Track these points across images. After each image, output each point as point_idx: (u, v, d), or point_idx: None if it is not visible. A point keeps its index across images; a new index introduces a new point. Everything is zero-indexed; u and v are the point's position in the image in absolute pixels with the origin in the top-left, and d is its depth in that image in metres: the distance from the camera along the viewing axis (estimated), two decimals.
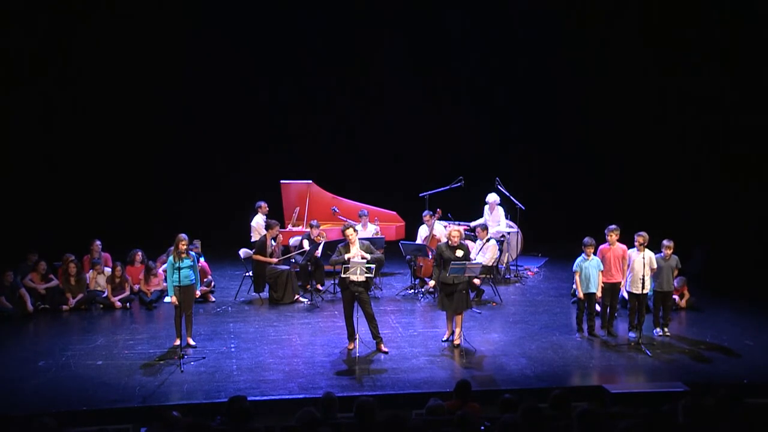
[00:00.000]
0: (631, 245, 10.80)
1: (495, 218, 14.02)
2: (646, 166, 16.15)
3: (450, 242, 10.42)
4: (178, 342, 10.18)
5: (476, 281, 10.17)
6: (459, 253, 10.31)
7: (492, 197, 14.06)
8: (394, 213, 14.88)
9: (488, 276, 12.96)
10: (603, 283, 10.85)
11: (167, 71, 16.01)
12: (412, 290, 13.15)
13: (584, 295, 10.88)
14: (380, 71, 17.17)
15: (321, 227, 13.95)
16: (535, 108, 17.04)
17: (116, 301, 12.39)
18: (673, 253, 10.87)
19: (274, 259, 12.54)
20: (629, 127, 16.22)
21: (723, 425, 6.01)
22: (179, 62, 16.08)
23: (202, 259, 13.05)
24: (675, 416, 5.98)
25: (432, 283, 10.49)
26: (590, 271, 10.81)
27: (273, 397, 8.80)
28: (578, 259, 10.91)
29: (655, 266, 10.73)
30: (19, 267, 12.37)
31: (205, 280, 12.49)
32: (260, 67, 16.67)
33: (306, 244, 12.93)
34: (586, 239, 10.84)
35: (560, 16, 16.57)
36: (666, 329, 11.05)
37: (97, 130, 15.79)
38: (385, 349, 10.24)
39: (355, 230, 10.44)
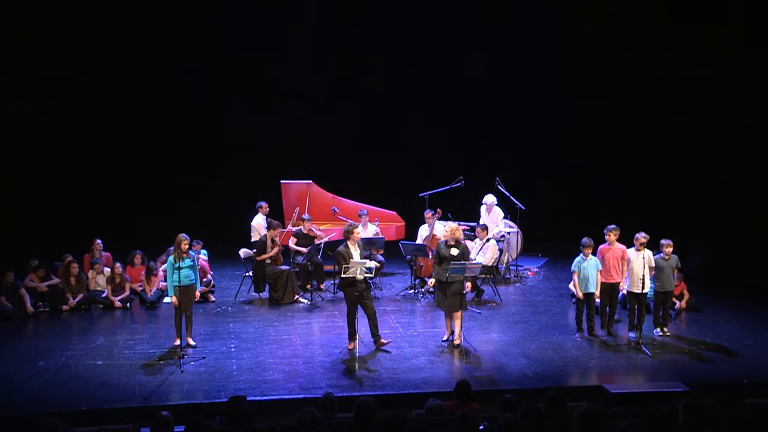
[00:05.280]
0: (630, 245, 10.80)
1: (492, 219, 14.00)
2: (645, 166, 16.14)
3: (448, 241, 10.42)
4: (178, 342, 10.19)
5: (467, 285, 10.11)
6: (454, 251, 10.31)
7: (489, 198, 14.03)
8: (394, 213, 14.89)
9: (488, 276, 12.97)
10: (602, 283, 10.86)
11: (167, 71, 16.00)
12: (412, 290, 13.15)
13: (583, 295, 10.89)
14: (382, 70, 17.17)
15: (321, 227, 14.01)
16: (536, 108, 17.04)
17: (116, 301, 12.40)
18: (672, 252, 10.88)
19: (276, 249, 12.54)
20: (629, 127, 16.20)
21: (723, 425, 6.01)
22: (179, 61, 16.05)
23: (204, 258, 13.07)
24: (675, 416, 5.98)
25: (432, 281, 10.48)
26: (588, 271, 10.82)
27: (273, 397, 8.80)
28: (576, 259, 10.93)
29: (653, 265, 10.75)
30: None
31: (204, 279, 12.50)
32: (260, 66, 16.65)
33: (290, 242, 13.21)
34: (585, 239, 10.86)
35: (562, 18, 16.57)
36: (666, 329, 11.06)
37: (98, 130, 15.76)
38: (385, 341, 10.33)
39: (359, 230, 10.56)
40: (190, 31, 15.92)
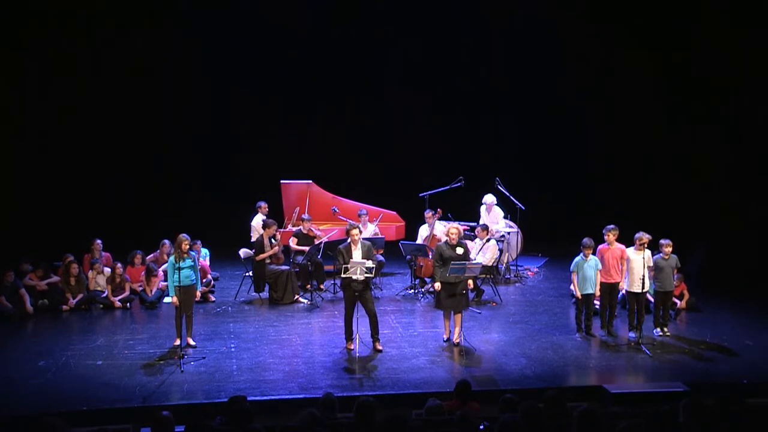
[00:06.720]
0: (630, 245, 10.79)
1: (492, 219, 14.00)
2: (645, 166, 16.14)
3: (449, 240, 10.42)
4: (178, 342, 10.19)
5: (470, 283, 10.17)
6: (459, 250, 10.32)
7: (489, 198, 14.04)
8: (394, 213, 14.88)
9: (488, 276, 12.97)
10: (601, 283, 10.86)
11: (168, 71, 15.99)
12: (412, 290, 13.15)
13: (582, 295, 10.89)
14: (382, 70, 17.15)
15: (321, 227, 14.01)
16: (536, 108, 17.04)
17: (116, 301, 12.39)
18: (672, 252, 10.87)
19: (276, 248, 12.53)
20: (629, 127, 16.20)
21: (723, 425, 6.01)
22: (179, 61, 16.06)
23: (203, 259, 13.06)
24: (675, 416, 5.98)
25: (438, 285, 10.38)
26: (588, 271, 10.82)
27: (273, 397, 8.80)
28: (576, 259, 10.93)
29: (651, 265, 10.74)
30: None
31: (204, 280, 12.49)
32: (260, 66, 16.65)
33: (291, 242, 13.18)
34: (585, 240, 10.85)
35: (562, 17, 16.56)
36: (666, 329, 11.06)
37: (98, 130, 15.75)
38: (380, 348, 10.29)
39: (360, 231, 10.50)
40: (191, 31, 15.92)
